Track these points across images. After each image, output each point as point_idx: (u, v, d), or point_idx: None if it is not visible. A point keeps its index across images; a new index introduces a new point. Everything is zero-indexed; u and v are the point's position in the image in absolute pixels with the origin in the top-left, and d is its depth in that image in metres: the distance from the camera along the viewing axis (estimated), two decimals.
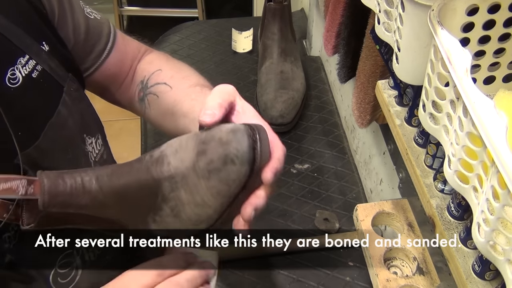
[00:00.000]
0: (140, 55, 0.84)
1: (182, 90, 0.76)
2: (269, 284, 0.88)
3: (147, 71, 0.80)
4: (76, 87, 0.67)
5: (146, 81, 0.79)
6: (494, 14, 0.54)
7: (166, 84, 0.77)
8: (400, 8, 0.58)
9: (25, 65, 0.60)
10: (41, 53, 0.62)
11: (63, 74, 0.65)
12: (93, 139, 0.69)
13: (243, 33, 1.38)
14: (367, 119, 0.88)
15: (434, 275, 0.76)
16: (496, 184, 0.43)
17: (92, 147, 0.69)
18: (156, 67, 0.80)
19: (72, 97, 0.65)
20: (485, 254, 0.49)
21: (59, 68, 0.64)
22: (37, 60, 0.61)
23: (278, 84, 1.14)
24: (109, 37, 0.79)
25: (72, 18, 0.72)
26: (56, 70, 0.64)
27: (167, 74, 0.79)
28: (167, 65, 0.81)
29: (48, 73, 0.62)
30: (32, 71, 0.60)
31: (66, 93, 0.64)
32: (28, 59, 0.60)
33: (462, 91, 0.46)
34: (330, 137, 1.15)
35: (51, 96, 0.63)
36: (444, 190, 0.62)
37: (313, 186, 1.04)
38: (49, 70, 0.63)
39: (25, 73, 0.60)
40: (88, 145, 0.68)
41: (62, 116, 0.63)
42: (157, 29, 1.63)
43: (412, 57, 0.60)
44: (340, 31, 0.96)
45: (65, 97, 0.64)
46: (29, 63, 0.60)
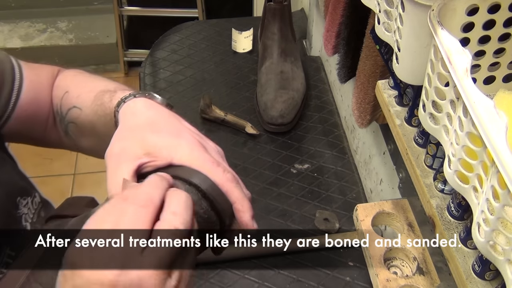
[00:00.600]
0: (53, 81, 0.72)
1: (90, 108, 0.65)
2: (269, 284, 0.88)
3: (57, 98, 0.69)
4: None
5: (60, 109, 0.69)
6: (494, 14, 0.54)
7: (76, 107, 0.66)
8: (400, 8, 0.58)
9: None
10: None
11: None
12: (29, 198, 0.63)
13: (243, 33, 1.38)
14: (367, 119, 0.88)
15: (434, 275, 0.76)
16: (496, 184, 0.43)
17: (28, 208, 0.62)
18: (63, 89, 0.69)
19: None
20: (485, 254, 0.49)
21: None
22: None
23: (278, 84, 1.14)
24: (14, 73, 0.67)
25: None
26: None
27: (74, 94, 0.68)
28: (72, 84, 0.70)
29: None
30: None
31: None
32: None
33: (462, 91, 0.46)
34: (330, 137, 1.15)
35: None
36: (444, 190, 0.62)
37: (313, 186, 1.04)
38: None
39: None
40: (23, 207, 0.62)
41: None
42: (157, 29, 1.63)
43: (412, 57, 0.60)
44: (340, 31, 0.96)
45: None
46: None
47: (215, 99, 1.17)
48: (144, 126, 0.52)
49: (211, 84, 1.27)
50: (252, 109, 1.18)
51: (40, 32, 2.57)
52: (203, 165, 0.49)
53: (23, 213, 0.61)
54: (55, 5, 2.63)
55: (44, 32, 2.57)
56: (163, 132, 0.52)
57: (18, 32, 2.56)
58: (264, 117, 1.13)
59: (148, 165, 0.49)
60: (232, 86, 1.26)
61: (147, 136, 0.51)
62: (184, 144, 0.50)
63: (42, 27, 2.59)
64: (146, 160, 0.49)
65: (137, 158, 0.49)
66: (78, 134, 0.68)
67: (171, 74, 1.30)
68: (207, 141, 0.54)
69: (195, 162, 0.49)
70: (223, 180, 0.49)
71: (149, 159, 0.49)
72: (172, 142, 0.50)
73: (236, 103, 1.21)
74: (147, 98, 0.57)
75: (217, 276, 0.89)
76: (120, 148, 0.50)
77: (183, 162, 0.49)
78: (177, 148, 0.50)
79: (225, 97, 1.23)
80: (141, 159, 0.49)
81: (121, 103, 0.57)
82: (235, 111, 1.16)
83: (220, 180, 0.49)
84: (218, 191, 0.49)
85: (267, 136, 1.14)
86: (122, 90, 0.62)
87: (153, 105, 0.56)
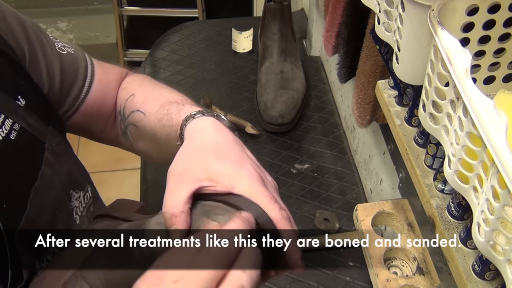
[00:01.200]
0: (120, 82, 0.76)
1: (154, 115, 0.67)
2: (269, 284, 0.88)
3: (122, 99, 0.73)
4: (58, 140, 0.62)
5: (123, 110, 0.72)
6: (494, 14, 0.54)
7: (140, 111, 0.69)
8: (400, 8, 0.58)
9: (1, 126, 0.55)
10: (18, 109, 0.57)
11: (43, 129, 0.60)
12: (81, 192, 0.64)
13: (243, 33, 1.38)
14: (367, 119, 0.88)
15: (434, 275, 0.76)
16: (496, 184, 0.43)
17: (79, 202, 0.64)
18: (129, 92, 0.72)
19: (55, 154, 0.60)
20: (485, 254, 0.49)
21: (38, 122, 0.59)
22: (14, 118, 0.56)
23: (278, 84, 1.14)
24: (86, 71, 0.71)
25: (45, 58, 0.66)
26: (35, 126, 0.58)
27: (139, 98, 0.71)
28: (139, 88, 0.73)
29: (27, 131, 0.57)
30: (9, 132, 0.55)
31: (47, 151, 0.59)
32: (4, 119, 0.55)
33: (462, 91, 0.46)
34: (330, 137, 1.15)
35: (32, 157, 0.58)
36: (444, 190, 0.62)
37: (313, 186, 1.04)
38: (27, 127, 0.57)
39: (2, 135, 0.54)
40: (75, 200, 0.63)
41: (47, 177, 0.58)
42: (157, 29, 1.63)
43: (412, 57, 0.60)
44: (340, 31, 0.96)
45: (47, 155, 0.59)
46: (6, 123, 0.55)
47: (215, 99, 1.17)
48: (209, 150, 0.53)
49: (211, 84, 1.27)
50: (252, 109, 1.18)
51: None
52: (262, 200, 0.49)
53: (75, 206, 0.63)
54: (55, 5, 2.63)
55: None
56: (227, 159, 0.52)
57: None
58: (264, 117, 1.13)
59: (207, 189, 0.50)
60: (232, 86, 1.27)
61: (210, 161, 0.51)
62: (245, 175, 0.51)
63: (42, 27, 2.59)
64: (207, 185, 0.50)
65: (198, 181, 0.50)
66: (136, 136, 0.70)
67: (171, 74, 1.30)
68: (266, 174, 0.55)
69: (254, 195, 0.49)
70: (278, 216, 0.49)
71: (210, 184, 0.50)
72: (234, 171, 0.51)
73: (236, 103, 1.21)
74: (215, 118, 0.58)
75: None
76: (182, 168, 0.51)
77: (243, 193, 0.50)
78: (238, 178, 0.50)
79: (225, 97, 1.23)
80: (202, 183, 0.50)
81: (189, 118, 0.58)
82: (235, 111, 1.16)
83: (275, 216, 0.49)
84: (273, 227, 0.49)
85: (267, 136, 1.14)
86: (189, 104, 0.64)
87: (220, 128, 0.57)
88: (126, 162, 1.98)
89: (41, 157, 0.58)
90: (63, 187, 0.61)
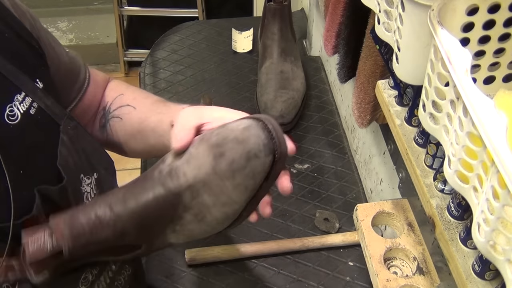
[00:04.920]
0: (106, 84, 0.83)
1: (146, 107, 0.76)
2: (269, 284, 0.88)
3: (110, 97, 0.80)
4: (74, 125, 0.65)
5: (109, 106, 0.79)
6: (494, 14, 0.54)
7: (129, 106, 0.77)
8: (400, 8, 0.58)
9: (22, 101, 0.58)
10: (36, 90, 0.60)
11: (60, 112, 0.63)
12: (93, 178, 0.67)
13: (243, 33, 1.38)
14: (367, 119, 0.88)
15: (434, 275, 0.76)
16: (496, 184, 0.43)
17: (90, 188, 0.66)
18: (118, 92, 0.80)
19: (69, 136, 0.63)
20: (485, 254, 0.49)
21: (55, 106, 0.62)
22: (33, 97, 0.59)
23: (278, 84, 1.14)
24: (85, 71, 0.79)
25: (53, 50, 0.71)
26: (52, 108, 0.62)
27: (129, 96, 0.79)
28: (128, 90, 0.81)
29: (45, 111, 0.61)
30: (29, 107, 0.58)
31: (63, 132, 0.62)
32: (24, 96, 0.58)
33: (462, 91, 0.46)
34: (330, 137, 1.15)
35: (49, 135, 0.61)
36: (444, 190, 0.62)
37: (313, 186, 1.04)
38: (45, 108, 0.61)
39: (23, 109, 0.58)
40: (86, 186, 0.66)
41: (64, 157, 0.61)
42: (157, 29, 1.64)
43: (412, 57, 0.60)
44: (340, 31, 0.96)
45: (63, 136, 0.62)
46: (26, 100, 0.58)
47: (215, 99, 1.17)
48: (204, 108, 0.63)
49: (211, 84, 1.27)
50: (252, 109, 1.18)
51: None
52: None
53: (86, 191, 0.65)
54: (55, 5, 2.63)
55: None
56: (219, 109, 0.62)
57: None
58: None
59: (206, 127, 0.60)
60: (232, 86, 1.27)
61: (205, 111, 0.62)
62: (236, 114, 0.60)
63: None
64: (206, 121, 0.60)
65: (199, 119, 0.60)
66: (117, 128, 0.77)
67: (171, 74, 1.30)
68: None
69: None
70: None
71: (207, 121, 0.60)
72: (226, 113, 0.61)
73: (236, 103, 1.21)
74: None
75: (217, 276, 0.89)
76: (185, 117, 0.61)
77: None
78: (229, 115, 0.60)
79: (225, 97, 1.23)
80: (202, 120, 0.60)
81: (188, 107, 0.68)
82: None
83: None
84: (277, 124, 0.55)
85: None
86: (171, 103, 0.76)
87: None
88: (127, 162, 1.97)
89: (57, 137, 0.62)
90: (75, 170, 0.64)
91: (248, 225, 0.95)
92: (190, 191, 0.54)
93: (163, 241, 0.58)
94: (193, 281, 0.88)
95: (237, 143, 0.53)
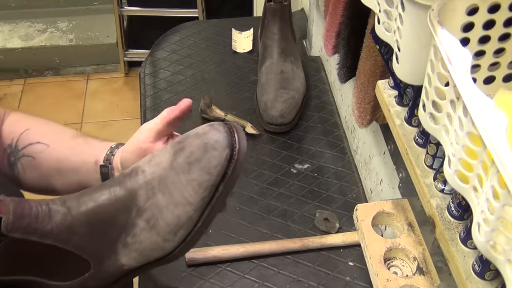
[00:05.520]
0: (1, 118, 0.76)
1: (62, 145, 0.71)
2: (269, 284, 0.88)
3: (14, 133, 0.73)
4: None
5: (15, 144, 0.73)
6: (494, 14, 0.54)
7: (40, 143, 0.71)
8: (400, 8, 0.58)
9: None
10: None
11: None
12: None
13: (243, 33, 1.38)
14: (367, 119, 0.88)
15: (434, 275, 0.76)
16: (496, 184, 0.43)
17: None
18: (23, 127, 0.74)
19: None
20: (485, 254, 0.49)
21: None
22: None
23: (278, 84, 1.14)
24: None
25: None
26: None
27: (37, 132, 0.73)
28: (34, 123, 0.75)
29: None
30: None
31: None
32: None
33: (462, 91, 0.46)
34: (330, 137, 1.15)
35: None
36: (444, 190, 0.62)
37: (313, 186, 1.04)
38: None
39: None
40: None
41: None
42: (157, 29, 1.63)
43: (412, 57, 0.60)
44: (340, 31, 0.96)
45: None
46: None
47: (215, 99, 1.17)
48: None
49: (211, 84, 1.27)
50: (252, 109, 1.18)
51: (40, 32, 2.57)
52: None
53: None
54: (55, 5, 2.63)
55: (44, 32, 2.57)
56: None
57: (18, 32, 2.56)
58: (264, 117, 1.13)
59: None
60: (232, 86, 1.27)
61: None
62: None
63: (42, 27, 2.59)
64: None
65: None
66: (30, 167, 0.72)
67: (171, 74, 1.30)
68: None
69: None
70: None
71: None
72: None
73: (236, 103, 1.21)
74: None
75: (217, 276, 0.89)
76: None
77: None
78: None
79: (225, 97, 1.23)
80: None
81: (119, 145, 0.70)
82: (235, 111, 1.16)
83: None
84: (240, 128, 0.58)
85: (267, 136, 1.14)
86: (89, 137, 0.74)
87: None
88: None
89: None
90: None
91: (248, 225, 0.95)
92: (145, 190, 0.54)
93: (114, 261, 0.55)
94: (193, 281, 0.88)
95: (196, 137, 0.54)
